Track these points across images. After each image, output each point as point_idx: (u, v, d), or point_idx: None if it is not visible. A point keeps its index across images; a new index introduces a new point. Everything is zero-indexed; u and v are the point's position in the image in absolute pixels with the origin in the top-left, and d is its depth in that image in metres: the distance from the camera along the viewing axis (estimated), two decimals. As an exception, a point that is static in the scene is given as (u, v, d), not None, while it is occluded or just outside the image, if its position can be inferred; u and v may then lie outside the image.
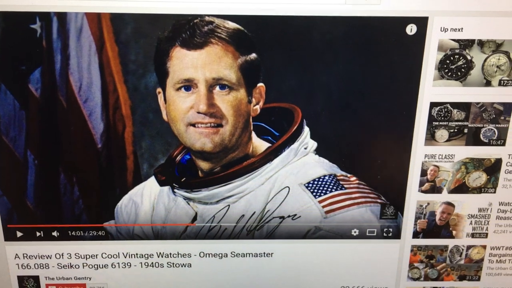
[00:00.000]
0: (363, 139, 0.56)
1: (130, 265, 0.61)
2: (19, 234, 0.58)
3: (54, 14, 0.50)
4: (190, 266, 0.61)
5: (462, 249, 0.61)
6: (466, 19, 0.51)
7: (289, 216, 0.58)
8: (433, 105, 0.54)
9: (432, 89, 0.54)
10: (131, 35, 0.51)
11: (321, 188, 0.57)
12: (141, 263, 0.61)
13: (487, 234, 0.60)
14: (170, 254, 0.60)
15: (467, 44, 0.52)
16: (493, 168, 0.57)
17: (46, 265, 0.60)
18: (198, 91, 0.53)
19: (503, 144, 0.56)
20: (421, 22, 0.51)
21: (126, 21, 0.50)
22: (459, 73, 0.53)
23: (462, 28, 0.51)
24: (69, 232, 0.59)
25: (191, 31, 0.51)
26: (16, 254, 0.60)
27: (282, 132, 0.56)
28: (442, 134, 0.56)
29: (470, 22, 0.51)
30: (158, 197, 0.58)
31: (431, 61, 0.53)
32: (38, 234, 0.59)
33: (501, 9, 0.51)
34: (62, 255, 0.60)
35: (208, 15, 0.51)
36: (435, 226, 0.60)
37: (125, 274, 0.61)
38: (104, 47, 0.51)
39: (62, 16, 0.50)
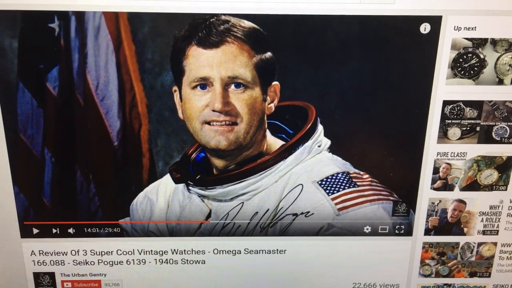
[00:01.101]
0: (376, 137, 0.56)
1: (145, 262, 0.61)
2: (35, 231, 0.59)
3: (72, 13, 0.50)
4: (204, 263, 0.62)
5: (473, 246, 0.62)
6: (479, 18, 0.52)
7: (302, 213, 0.59)
8: (446, 103, 0.55)
9: (445, 88, 0.54)
10: (148, 34, 0.52)
11: (334, 185, 0.57)
12: (156, 259, 0.61)
13: (498, 231, 0.61)
14: (185, 250, 0.61)
15: (480, 43, 0.53)
16: (504, 166, 0.58)
17: (62, 261, 0.61)
18: (213, 90, 0.53)
19: (515, 142, 0.57)
20: (435, 21, 0.52)
21: (143, 20, 0.51)
22: (472, 72, 0.54)
23: (475, 27, 0.52)
24: (85, 229, 0.59)
25: (207, 30, 0.52)
26: (32, 251, 0.60)
27: (296, 130, 0.57)
28: (454, 132, 0.56)
29: (483, 21, 0.52)
30: (173, 195, 0.59)
31: (444, 60, 0.53)
32: (54, 231, 0.59)
33: (514, 8, 0.51)
34: (78, 251, 0.61)
35: (224, 14, 0.51)
36: (447, 224, 0.60)
37: (140, 270, 0.62)
38: (121, 46, 0.52)
39: (80, 15, 0.51)
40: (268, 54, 0.53)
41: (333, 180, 0.57)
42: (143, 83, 0.54)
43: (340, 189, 0.58)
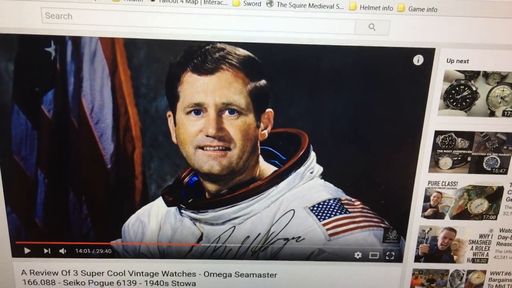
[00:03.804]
0: (368, 164, 0.57)
1: (136, 283, 0.62)
2: (26, 250, 0.59)
3: (69, 38, 0.51)
4: (195, 285, 0.62)
5: (463, 274, 0.62)
6: (472, 51, 0.52)
7: (293, 238, 0.59)
8: (437, 133, 0.56)
9: (437, 118, 0.55)
10: (144, 60, 0.52)
11: (325, 211, 0.58)
12: (146, 281, 0.62)
13: (487, 259, 0.62)
14: (175, 273, 0.61)
15: (472, 75, 0.53)
16: (495, 196, 0.58)
17: (53, 281, 0.61)
18: (207, 115, 0.54)
19: (505, 173, 0.57)
20: (428, 53, 0.52)
21: (139, 46, 0.51)
22: (464, 103, 0.54)
23: (468, 60, 0.53)
24: (76, 249, 0.60)
25: (202, 57, 0.52)
26: (23, 270, 0.60)
27: (289, 157, 0.57)
28: (446, 161, 0.57)
29: (476, 54, 0.52)
30: (165, 217, 0.59)
31: (437, 91, 0.54)
32: (45, 251, 0.59)
33: (506, 42, 0.52)
34: (69, 272, 0.61)
35: (220, 42, 0.52)
36: (437, 251, 0.61)
37: (130, 291, 0.62)
38: (116, 70, 0.52)
39: (77, 40, 0.51)
40: (263, 81, 0.54)
41: (324, 206, 0.58)
42: (138, 108, 0.54)
43: (332, 215, 0.58)
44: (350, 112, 0.55)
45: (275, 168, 0.58)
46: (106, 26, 0.50)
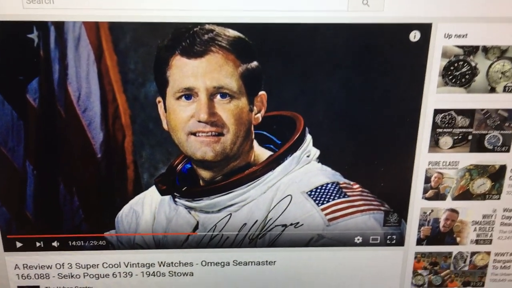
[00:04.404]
0: (366, 146, 0.55)
1: (132, 275, 0.60)
2: (18, 244, 0.58)
3: (52, 23, 0.49)
4: (192, 275, 0.61)
5: (466, 256, 0.61)
6: (470, 25, 0.50)
7: (291, 224, 0.58)
8: (437, 112, 0.54)
9: (436, 96, 0.53)
10: (130, 44, 0.50)
11: (323, 196, 0.56)
12: (143, 272, 0.60)
13: (491, 240, 0.60)
14: (172, 263, 0.60)
15: (471, 50, 0.51)
16: (497, 175, 0.57)
17: (47, 275, 0.60)
18: (198, 100, 0.52)
19: (508, 151, 0.56)
20: (425, 29, 0.50)
21: (125, 30, 0.50)
22: (463, 80, 0.52)
23: (466, 35, 0.51)
24: (69, 242, 0.58)
25: (191, 39, 0.50)
26: (16, 265, 0.59)
27: (284, 140, 0.55)
28: (446, 141, 0.55)
29: (475, 28, 0.50)
30: (159, 206, 0.58)
31: (435, 68, 0.52)
32: (38, 244, 0.58)
33: (506, 15, 0.50)
34: (63, 265, 0.59)
35: (208, 23, 0.50)
36: (439, 233, 0.59)
37: (126, 283, 0.61)
38: (103, 56, 0.51)
39: (60, 26, 0.49)
40: (254, 63, 0.52)
41: (322, 191, 0.56)
42: (126, 94, 0.52)
43: (330, 200, 0.56)
44: (345, 92, 0.53)
45: (270, 153, 0.56)
46: (89, 10, 0.48)
